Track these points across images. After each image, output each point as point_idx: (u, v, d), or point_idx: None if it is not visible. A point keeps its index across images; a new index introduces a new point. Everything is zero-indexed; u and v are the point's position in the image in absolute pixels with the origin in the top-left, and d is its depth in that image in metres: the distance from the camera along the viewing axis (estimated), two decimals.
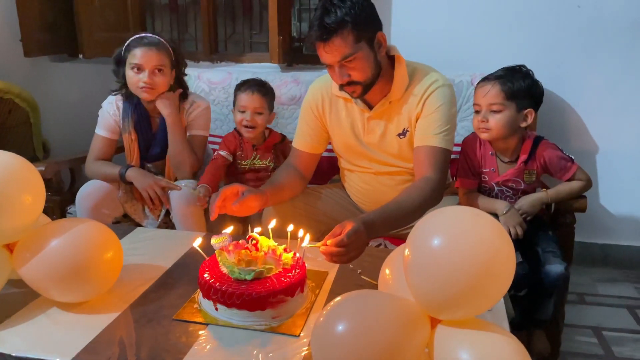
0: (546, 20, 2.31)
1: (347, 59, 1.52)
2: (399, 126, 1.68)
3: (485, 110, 1.67)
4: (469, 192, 1.79)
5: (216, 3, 2.86)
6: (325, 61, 1.56)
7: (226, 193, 1.49)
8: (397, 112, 1.67)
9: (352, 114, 1.73)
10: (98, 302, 1.29)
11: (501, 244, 0.90)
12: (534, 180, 1.75)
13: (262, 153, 2.07)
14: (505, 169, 1.75)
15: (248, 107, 2.00)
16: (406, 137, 1.68)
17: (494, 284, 0.91)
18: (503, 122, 1.66)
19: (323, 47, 1.53)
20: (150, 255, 1.55)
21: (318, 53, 1.56)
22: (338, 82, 1.58)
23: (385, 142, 1.71)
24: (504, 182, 1.75)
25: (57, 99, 2.95)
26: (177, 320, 1.22)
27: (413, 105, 1.64)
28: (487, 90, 1.67)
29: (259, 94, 2.01)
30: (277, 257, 1.28)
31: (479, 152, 1.77)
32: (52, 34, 2.79)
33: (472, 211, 0.95)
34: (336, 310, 0.98)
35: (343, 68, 1.54)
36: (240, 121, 2.02)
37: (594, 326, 2.04)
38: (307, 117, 1.79)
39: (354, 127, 1.73)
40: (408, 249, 0.97)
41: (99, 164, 1.99)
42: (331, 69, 1.58)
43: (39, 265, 1.23)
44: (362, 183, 1.82)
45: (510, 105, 1.65)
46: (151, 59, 1.86)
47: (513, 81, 1.66)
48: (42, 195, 1.28)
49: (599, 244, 2.51)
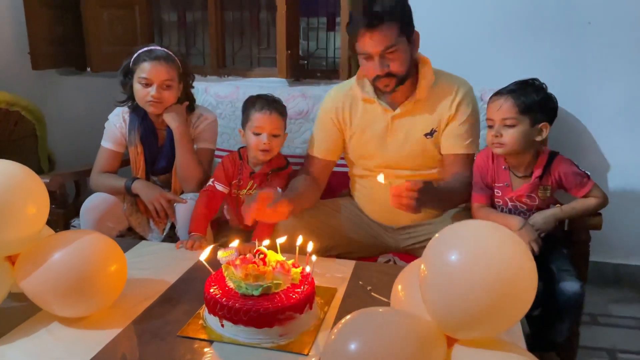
0: (555, 36, 2.29)
1: (389, 49, 1.58)
2: (427, 126, 1.73)
3: (498, 125, 1.64)
4: (481, 207, 1.75)
5: (224, 19, 2.86)
6: (368, 50, 1.60)
7: (262, 196, 1.50)
8: (424, 111, 1.72)
9: (374, 114, 1.76)
10: (100, 317, 1.26)
11: (523, 261, 0.87)
12: (548, 197, 1.70)
13: (258, 181, 1.84)
14: (520, 184, 1.71)
15: (265, 128, 1.76)
16: (433, 137, 1.73)
17: (515, 303, 0.87)
18: (517, 137, 1.63)
19: (369, 35, 1.57)
20: (155, 269, 1.53)
21: (360, 42, 1.61)
22: (377, 72, 1.62)
23: (409, 142, 1.73)
24: (518, 198, 1.71)
25: (64, 112, 2.94)
26: (182, 336, 1.19)
27: (445, 107, 1.71)
28: (500, 105, 1.64)
29: (277, 114, 1.78)
30: (285, 272, 1.24)
31: (492, 167, 1.74)
32: (61, 47, 2.80)
33: (491, 225, 0.91)
34: (348, 329, 0.94)
35: (384, 59, 1.60)
36: (256, 145, 1.78)
37: (608, 348, 1.99)
38: (325, 124, 1.81)
39: (376, 128, 1.76)
40: (424, 265, 0.93)
41: (104, 177, 1.97)
42: (370, 59, 1.62)
43: (41, 278, 1.20)
44: (374, 189, 1.80)
45: (524, 119, 1.62)
46: (160, 73, 1.85)
47: (526, 95, 1.63)
48: (46, 206, 1.26)
49: (611, 264, 2.46)
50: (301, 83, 2.63)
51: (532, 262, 0.88)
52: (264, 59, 2.95)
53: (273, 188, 1.58)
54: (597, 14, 2.24)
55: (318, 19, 2.85)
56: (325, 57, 2.81)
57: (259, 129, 1.77)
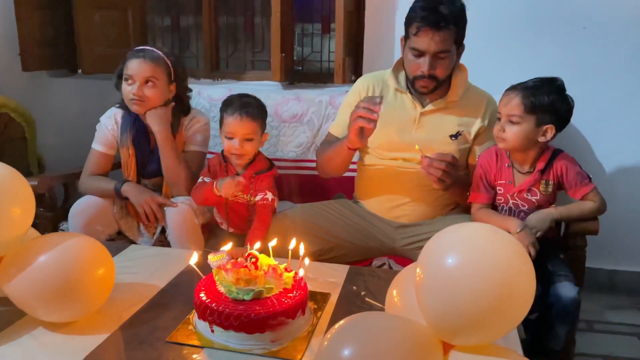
0: (551, 41, 2.28)
1: (443, 53, 1.63)
2: (453, 128, 1.76)
3: (504, 120, 1.63)
4: (481, 207, 1.73)
5: (218, 23, 2.84)
6: (423, 47, 1.63)
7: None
8: (453, 113, 1.77)
9: (403, 106, 1.79)
10: (87, 322, 1.23)
11: (521, 265, 0.85)
12: (550, 192, 1.68)
13: (242, 186, 1.73)
14: (522, 180, 1.70)
15: (236, 133, 1.73)
16: (457, 139, 1.76)
17: (513, 307, 0.85)
18: (518, 135, 1.61)
19: (431, 34, 1.60)
20: (144, 273, 1.49)
21: (418, 37, 1.62)
22: (423, 71, 1.65)
23: (432, 140, 1.74)
24: (519, 194, 1.69)
25: (54, 114, 2.90)
26: (171, 342, 1.16)
27: (475, 116, 1.77)
28: (508, 100, 1.62)
29: (249, 118, 1.73)
30: (277, 276, 1.21)
31: (496, 165, 1.72)
32: (52, 48, 2.76)
33: (489, 228, 0.89)
34: (342, 334, 0.91)
35: (434, 60, 1.64)
36: (228, 149, 1.76)
37: (605, 355, 1.97)
38: (352, 103, 1.73)
39: (403, 119, 1.78)
40: (420, 268, 0.91)
41: (93, 179, 1.94)
42: (420, 57, 1.65)
43: (25, 282, 1.17)
44: (382, 180, 1.81)
45: (529, 118, 1.60)
46: (142, 70, 1.82)
47: (537, 94, 1.60)
48: (31, 207, 1.23)
49: (605, 270, 2.44)
50: (295, 86, 2.61)
51: (530, 266, 0.85)
52: (258, 62, 2.93)
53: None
54: (593, 16, 2.23)
55: (313, 25, 2.84)
56: (320, 60, 2.79)
57: (231, 134, 1.75)
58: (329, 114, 2.27)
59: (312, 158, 2.26)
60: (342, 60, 2.37)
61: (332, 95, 2.30)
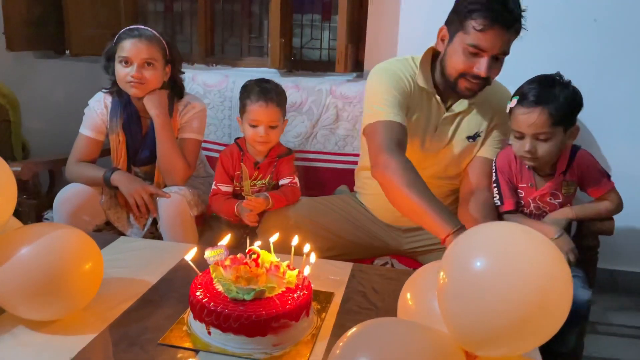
0: (561, 33, 2.21)
1: (503, 54, 1.49)
2: (471, 129, 1.65)
3: (532, 140, 1.53)
4: (513, 215, 1.65)
5: (214, 7, 2.74)
6: (487, 46, 1.45)
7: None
8: (473, 113, 1.65)
9: (430, 108, 1.64)
10: (72, 320, 1.15)
11: (558, 270, 0.77)
12: (572, 193, 1.62)
13: (264, 171, 1.79)
14: (543, 183, 1.62)
15: (262, 121, 1.70)
16: (475, 141, 1.66)
17: (548, 319, 0.77)
18: (552, 149, 1.53)
19: (501, 33, 1.44)
20: (134, 268, 1.41)
21: (483, 33, 1.43)
22: (478, 71, 1.47)
23: (450, 144, 1.65)
24: (542, 197, 1.62)
25: (40, 97, 2.79)
26: (163, 345, 1.08)
27: (495, 111, 1.64)
28: (532, 119, 1.50)
29: (274, 104, 1.70)
30: (280, 274, 1.13)
31: (514, 167, 1.65)
32: (38, 28, 2.65)
33: (522, 228, 0.81)
34: (355, 343, 0.83)
35: (494, 61, 1.49)
36: (253, 137, 1.73)
37: (609, 358, 1.93)
38: (398, 81, 1.57)
39: (428, 124, 1.64)
40: (444, 271, 0.83)
41: (81, 166, 1.84)
42: (478, 56, 1.47)
43: (5, 277, 1.08)
44: None
45: (557, 130, 1.52)
46: (140, 51, 1.73)
47: (554, 100, 1.49)
48: (13, 194, 1.14)
49: (608, 270, 2.39)
50: (294, 74, 2.52)
51: (568, 274, 0.78)
52: (255, 48, 2.83)
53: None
54: (602, 11, 2.17)
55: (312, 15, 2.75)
56: (320, 48, 2.70)
57: (255, 122, 1.71)
58: (329, 103, 2.19)
59: (311, 149, 2.18)
60: (345, 48, 2.28)
61: (333, 84, 2.21)
